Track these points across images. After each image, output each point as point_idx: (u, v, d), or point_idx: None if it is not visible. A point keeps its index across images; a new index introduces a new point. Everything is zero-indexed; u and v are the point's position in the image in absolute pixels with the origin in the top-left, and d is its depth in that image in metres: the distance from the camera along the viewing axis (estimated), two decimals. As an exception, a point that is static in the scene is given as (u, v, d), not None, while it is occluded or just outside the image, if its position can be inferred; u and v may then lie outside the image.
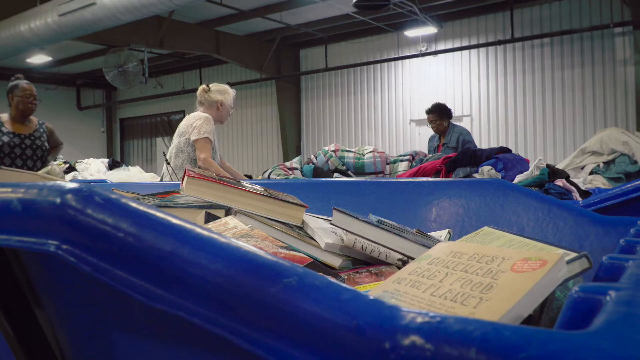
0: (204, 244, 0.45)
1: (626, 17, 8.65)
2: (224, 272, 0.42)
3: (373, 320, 0.38)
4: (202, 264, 0.43)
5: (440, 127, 4.53)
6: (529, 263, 0.67)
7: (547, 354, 0.32)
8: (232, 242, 0.44)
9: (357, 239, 0.98)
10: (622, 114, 8.99)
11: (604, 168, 3.77)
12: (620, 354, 0.31)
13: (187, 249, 0.44)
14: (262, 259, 0.43)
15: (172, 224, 0.46)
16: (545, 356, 0.32)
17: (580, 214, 1.47)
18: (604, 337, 0.34)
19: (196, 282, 0.43)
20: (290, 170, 3.22)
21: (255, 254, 0.43)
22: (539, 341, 0.33)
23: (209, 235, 0.45)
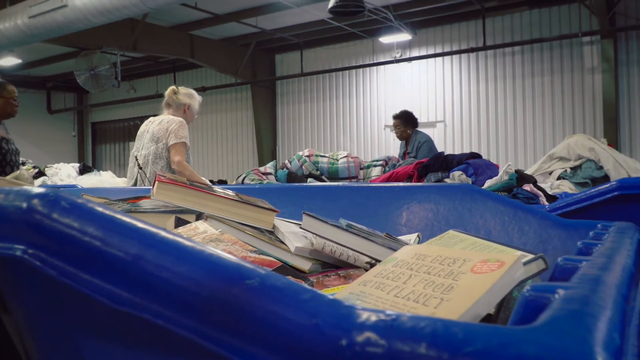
0: (169, 248, 0.46)
1: (594, 26, 8.90)
2: (188, 274, 0.44)
3: (331, 319, 0.39)
4: (166, 267, 0.44)
5: (404, 134, 4.63)
6: (488, 264, 0.69)
7: (491, 347, 0.34)
8: (196, 246, 0.46)
9: (326, 242, 1.00)
10: (589, 121, 9.23)
11: (571, 173, 3.87)
12: (557, 346, 0.34)
13: (152, 253, 0.45)
14: (225, 261, 0.44)
15: (138, 227, 0.47)
16: (488, 349, 0.34)
17: (544, 218, 1.51)
18: (544, 332, 0.36)
19: (161, 285, 0.44)
20: (264, 175, 3.23)
21: (219, 257, 0.45)
22: (484, 336, 0.35)
23: (174, 238, 0.46)
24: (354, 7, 7.44)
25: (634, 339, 0.53)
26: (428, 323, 0.37)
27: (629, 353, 0.48)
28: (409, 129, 4.66)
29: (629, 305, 0.59)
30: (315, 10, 8.95)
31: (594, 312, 0.42)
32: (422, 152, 4.30)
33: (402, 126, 4.64)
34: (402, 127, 4.64)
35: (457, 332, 0.36)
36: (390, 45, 10.75)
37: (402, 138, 4.71)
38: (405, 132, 4.65)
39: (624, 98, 8.96)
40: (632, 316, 0.60)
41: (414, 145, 4.52)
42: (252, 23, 9.75)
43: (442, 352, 0.35)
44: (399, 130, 4.66)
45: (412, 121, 4.69)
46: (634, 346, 0.51)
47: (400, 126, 4.64)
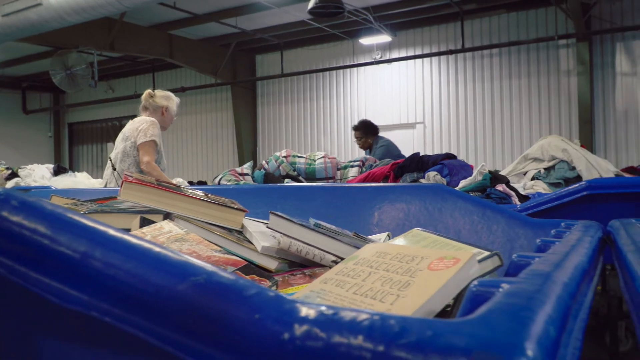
0: (117, 245, 0.46)
1: (570, 30, 9.06)
2: (135, 271, 0.44)
3: (274, 314, 0.40)
4: (114, 265, 0.45)
5: (366, 144, 4.66)
6: (444, 261, 0.71)
7: (423, 339, 0.35)
8: (144, 243, 0.46)
9: (292, 241, 1.00)
10: (565, 123, 9.39)
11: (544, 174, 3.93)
12: (486, 338, 0.35)
13: (100, 251, 0.45)
14: (172, 258, 0.45)
15: (87, 226, 0.47)
16: (421, 341, 0.35)
17: (512, 217, 1.54)
18: (476, 324, 0.37)
19: (108, 283, 0.45)
20: (241, 176, 3.22)
21: (166, 254, 0.45)
22: (418, 328, 0.36)
23: (122, 236, 0.47)
24: (333, 8, 7.47)
25: (578, 333, 0.55)
26: (366, 317, 0.38)
27: (570, 347, 0.49)
28: (370, 138, 4.68)
29: (575, 300, 0.61)
30: (296, 11, 8.96)
31: (531, 306, 0.43)
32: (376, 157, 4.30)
33: (362, 136, 4.66)
34: (363, 138, 4.66)
35: (392, 325, 0.37)
36: (370, 47, 10.80)
37: (364, 148, 4.73)
38: (367, 142, 4.68)
39: (599, 100, 9.13)
40: (580, 311, 0.62)
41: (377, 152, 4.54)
42: (231, 23, 9.72)
43: (378, 344, 0.36)
44: (360, 141, 4.68)
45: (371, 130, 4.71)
46: (577, 340, 0.53)
47: (361, 137, 4.66)
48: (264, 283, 0.86)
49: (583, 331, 0.57)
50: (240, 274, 0.86)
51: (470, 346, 0.34)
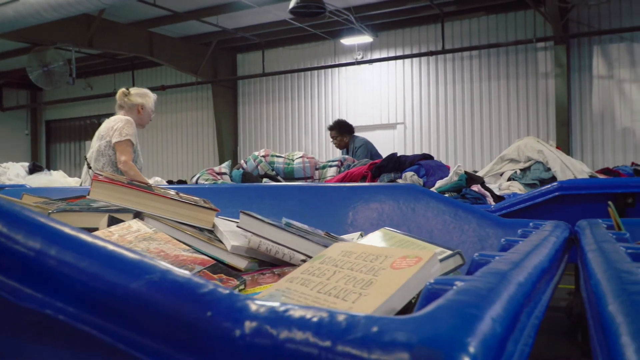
0: (72, 243, 0.46)
1: (548, 33, 9.20)
2: (89, 269, 0.44)
3: (226, 311, 0.41)
4: (68, 263, 0.45)
5: (342, 143, 4.69)
6: (406, 260, 0.72)
7: (369, 335, 0.36)
8: (98, 242, 0.46)
9: (262, 241, 1.01)
10: (543, 124, 9.53)
11: (520, 175, 3.98)
12: (428, 333, 0.36)
13: (55, 248, 0.46)
14: (127, 257, 0.45)
15: (42, 223, 0.47)
16: (366, 337, 0.36)
17: (483, 217, 1.56)
18: (421, 320, 0.38)
19: (63, 280, 0.45)
20: (218, 175, 3.21)
21: (121, 253, 0.45)
22: (365, 325, 0.37)
23: (77, 234, 0.47)
24: (314, 8, 7.48)
25: (531, 330, 0.56)
26: (315, 314, 0.39)
27: (520, 343, 0.50)
28: (346, 137, 4.71)
29: (530, 298, 0.62)
30: (277, 10, 8.95)
31: (479, 303, 0.44)
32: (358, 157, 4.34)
33: (338, 136, 4.69)
34: (339, 137, 4.69)
35: (340, 322, 0.38)
36: (351, 47, 10.84)
37: (341, 147, 4.76)
38: (343, 141, 4.70)
39: (576, 102, 9.29)
40: (535, 309, 0.64)
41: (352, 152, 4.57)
42: (212, 22, 9.67)
43: (325, 340, 0.37)
44: (336, 140, 4.71)
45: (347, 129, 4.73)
46: (529, 337, 0.54)
47: (337, 136, 4.69)
48: (231, 282, 0.86)
49: (537, 328, 0.59)
50: (207, 273, 0.86)
51: (412, 342, 0.35)
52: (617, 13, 8.93)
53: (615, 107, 9.05)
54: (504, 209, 2.29)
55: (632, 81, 8.93)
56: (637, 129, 8.91)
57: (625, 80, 8.98)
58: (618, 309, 0.49)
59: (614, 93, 9.06)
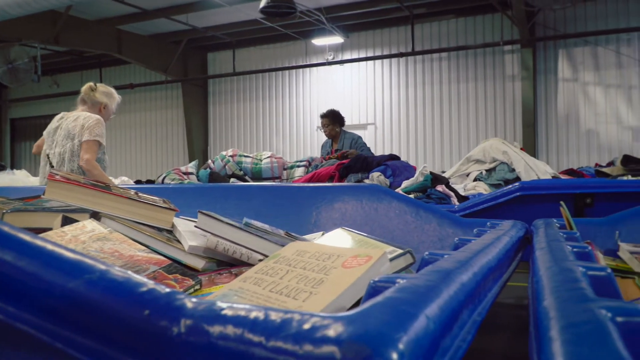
0: (10, 243, 0.46)
1: (515, 36, 9.38)
2: (28, 269, 0.44)
3: (163, 310, 0.41)
4: (7, 262, 0.44)
5: (332, 132, 4.74)
6: (357, 259, 0.73)
7: (301, 332, 0.37)
8: (37, 241, 0.46)
9: (219, 240, 1.01)
10: (510, 126, 9.72)
11: (486, 175, 4.05)
12: (358, 330, 0.37)
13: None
14: (65, 256, 0.45)
15: (-21, 224, 0.47)
16: (299, 334, 0.37)
17: (444, 217, 1.59)
18: (354, 317, 0.39)
19: (2, 280, 0.44)
20: (185, 175, 3.18)
21: (60, 253, 0.45)
22: (298, 322, 0.38)
23: (16, 234, 0.46)
24: (285, 8, 7.47)
25: (472, 326, 0.58)
26: (251, 311, 0.40)
27: (458, 339, 0.52)
28: (337, 127, 4.77)
29: (474, 296, 0.64)
30: (248, 10, 8.91)
31: (415, 301, 0.45)
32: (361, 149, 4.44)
33: (330, 124, 4.74)
34: (330, 125, 4.74)
35: (274, 319, 0.39)
36: (322, 48, 10.86)
37: (330, 136, 4.80)
38: (334, 130, 4.75)
39: (542, 105, 9.50)
40: (478, 306, 0.65)
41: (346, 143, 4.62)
42: (182, 20, 9.57)
43: (259, 336, 0.38)
44: (327, 128, 4.75)
45: (339, 119, 4.80)
46: (469, 333, 0.56)
47: (329, 124, 4.73)
48: (186, 282, 0.86)
49: (478, 325, 0.61)
50: (162, 274, 0.86)
51: (342, 338, 0.36)
52: (582, 17, 9.17)
53: (580, 109, 9.29)
54: (467, 208, 2.33)
55: (596, 84, 9.18)
56: (600, 130, 9.16)
57: (590, 83, 9.23)
58: (551, 304, 0.51)
59: (578, 96, 9.29)
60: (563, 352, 0.38)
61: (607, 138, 9.12)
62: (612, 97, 9.09)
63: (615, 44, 9.03)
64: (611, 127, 9.10)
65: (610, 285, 0.66)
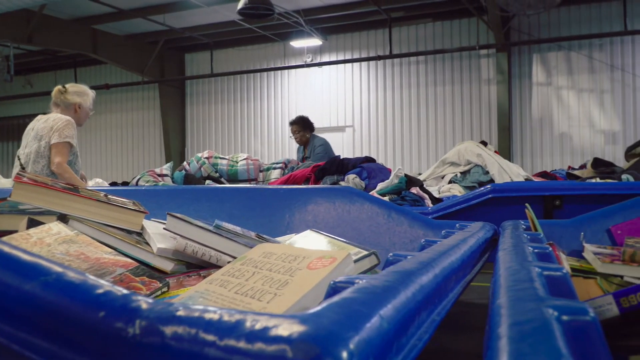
0: (-35, 246, 0.46)
1: (490, 40, 9.52)
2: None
3: (118, 311, 0.41)
4: (-39, 265, 0.44)
5: (303, 139, 4.75)
6: (322, 261, 0.74)
7: (254, 331, 0.38)
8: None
9: (188, 243, 1.01)
10: (485, 129, 9.85)
11: (460, 177, 4.10)
12: (310, 329, 0.38)
13: (-53, 251, 0.45)
14: (22, 258, 0.45)
15: None
16: (251, 333, 0.38)
17: (416, 219, 1.61)
18: (308, 317, 0.40)
19: (-44, 283, 0.44)
20: (160, 177, 3.16)
21: (16, 254, 0.45)
22: (252, 322, 0.39)
23: (-29, 237, 0.46)
24: (263, 10, 7.47)
25: (429, 326, 0.60)
26: (205, 312, 0.40)
27: (414, 338, 0.53)
28: (307, 133, 4.77)
29: (434, 296, 0.66)
30: (226, 11, 8.88)
31: (369, 301, 0.47)
32: (317, 156, 4.41)
33: (300, 131, 4.74)
34: (300, 132, 4.74)
35: (228, 319, 0.39)
36: (301, 50, 10.88)
37: (301, 143, 4.81)
38: (304, 137, 4.76)
39: (516, 108, 9.65)
40: (438, 305, 0.67)
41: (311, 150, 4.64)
42: (159, 20, 9.49)
43: (213, 336, 0.38)
44: (297, 135, 4.76)
45: (309, 125, 4.80)
46: (426, 333, 0.57)
47: (299, 131, 4.74)
48: (154, 284, 0.86)
49: (437, 324, 0.62)
50: (128, 276, 0.86)
51: (293, 337, 0.37)
52: (556, 23, 9.35)
53: (554, 113, 9.46)
54: (440, 210, 2.36)
55: (570, 88, 9.37)
56: (573, 134, 9.35)
57: (563, 87, 9.41)
58: (504, 303, 0.53)
59: (552, 99, 9.47)
60: (507, 349, 0.39)
61: (580, 141, 9.30)
62: (585, 101, 9.28)
63: (587, 49, 9.23)
64: (584, 131, 9.29)
65: (565, 284, 0.68)
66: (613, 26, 8.93)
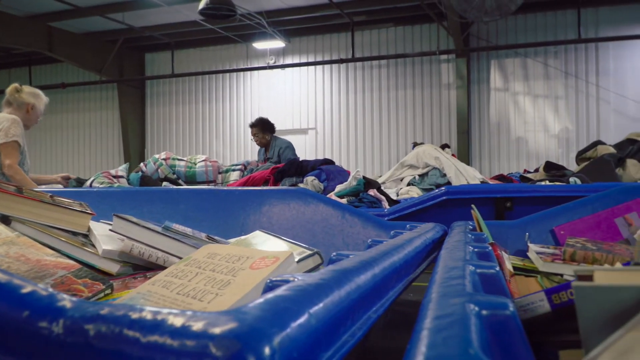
0: None
1: (450, 46, 9.72)
2: None
3: (43, 311, 0.41)
4: None
5: (263, 141, 4.75)
6: (265, 261, 0.75)
7: (176, 328, 0.38)
8: None
9: (134, 244, 1.00)
10: (445, 133, 10.04)
11: (419, 180, 4.17)
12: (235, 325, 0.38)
13: None
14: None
15: None
16: (174, 330, 0.38)
17: (369, 220, 1.63)
18: (231, 314, 0.41)
19: None
20: (115, 179, 3.10)
21: (-62, 255, 0.45)
22: (175, 319, 0.39)
23: None
24: (225, 11, 7.42)
25: (364, 323, 0.61)
26: (130, 310, 0.40)
27: (346, 334, 0.55)
28: (267, 135, 4.77)
29: (371, 294, 0.67)
30: (187, 11, 8.79)
31: (299, 298, 0.48)
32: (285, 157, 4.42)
33: (260, 133, 4.74)
34: (260, 134, 4.74)
35: (152, 317, 0.40)
36: (264, 51, 10.85)
37: (262, 145, 4.81)
38: (265, 139, 4.76)
39: (475, 112, 9.87)
40: (376, 303, 0.69)
41: (275, 151, 4.63)
42: (118, 19, 9.31)
43: (136, 333, 0.39)
44: (258, 137, 4.75)
45: (269, 127, 4.80)
46: (359, 330, 0.59)
47: (259, 133, 4.73)
48: (96, 286, 0.85)
49: (372, 321, 0.64)
50: (70, 278, 0.84)
51: (216, 333, 0.38)
52: (513, 30, 9.61)
53: (511, 117, 9.72)
54: (396, 212, 2.40)
55: (526, 94, 9.64)
56: (529, 138, 9.62)
57: (520, 92, 9.68)
58: (433, 298, 0.55)
59: (509, 104, 9.73)
60: (425, 341, 0.41)
61: (535, 145, 9.58)
62: (540, 106, 9.57)
63: (543, 56, 9.53)
64: (539, 135, 9.57)
65: (498, 282, 0.70)
66: (567, 34, 9.25)
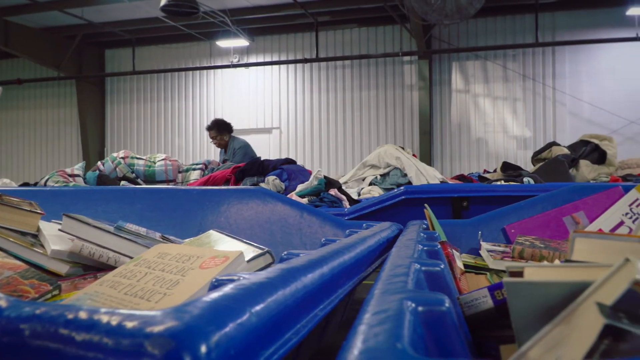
0: None
1: (413, 47, 9.85)
2: None
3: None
4: None
5: (222, 142, 4.71)
6: (215, 260, 0.75)
7: (111, 327, 0.39)
8: None
9: (84, 244, 0.99)
10: (408, 133, 10.17)
11: (380, 180, 4.22)
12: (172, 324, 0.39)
13: None
14: None
15: None
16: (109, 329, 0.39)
17: (327, 220, 1.65)
18: (172, 312, 0.41)
19: None
20: (70, 177, 3.03)
21: None
22: (111, 318, 0.40)
23: None
24: (187, 8, 7.34)
25: (310, 321, 0.62)
26: (66, 310, 0.40)
27: (290, 332, 0.56)
28: (226, 136, 4.73)
29: (318, 292, 0.68)
30: (148, 7, 8.64)
31: (240, 296, 0.48)
32: (236, 158, 4.39)
33: (217, 135, 4.70)
34: (218, 136, 4.70)
35: (88, 316, 0.40)
36: (227, 50, 10.77)
37: (221, 146, 4.77)
38: (223, 140, 4.72)
39: (437, 113, 10.03)
40: (324, 300, 0.70)
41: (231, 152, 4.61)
42: (77, 14, 9.08)
43: (71, 332, 0.39)
44: (216, 140, 4.71)
45: (226, 128, 4.76)
46: (304, 327, 0.60)
47: (217, 135, 4.69)
48: (43, 287, 0.84)
49: (319, 319, 0.65)
50: (16, 279, 0.83)
51: (152, 331, 0.38)
52: (474, 33, 9.81)
53: (471, 119, 9.92)
54: (356, 211, 2.42)
55: (486, 96, 9.86)
56: (489, 139, 9.84)
57: (480, 94, 9.89)
58: (375, 295, 0.56)
59: (470, 106, 9.93)
60: (361, 336, 0.42)
61: (495, 146, 9.81)
62: (500, 108, 9.80)
63: (502, 59, 9.76)
64: (498, 136, 9.80)
65: (442, 279, 0.73)
66: (526, 38, 9.50)
